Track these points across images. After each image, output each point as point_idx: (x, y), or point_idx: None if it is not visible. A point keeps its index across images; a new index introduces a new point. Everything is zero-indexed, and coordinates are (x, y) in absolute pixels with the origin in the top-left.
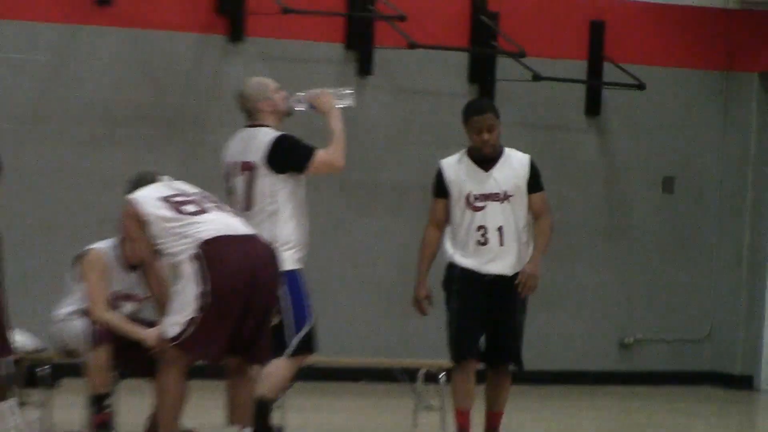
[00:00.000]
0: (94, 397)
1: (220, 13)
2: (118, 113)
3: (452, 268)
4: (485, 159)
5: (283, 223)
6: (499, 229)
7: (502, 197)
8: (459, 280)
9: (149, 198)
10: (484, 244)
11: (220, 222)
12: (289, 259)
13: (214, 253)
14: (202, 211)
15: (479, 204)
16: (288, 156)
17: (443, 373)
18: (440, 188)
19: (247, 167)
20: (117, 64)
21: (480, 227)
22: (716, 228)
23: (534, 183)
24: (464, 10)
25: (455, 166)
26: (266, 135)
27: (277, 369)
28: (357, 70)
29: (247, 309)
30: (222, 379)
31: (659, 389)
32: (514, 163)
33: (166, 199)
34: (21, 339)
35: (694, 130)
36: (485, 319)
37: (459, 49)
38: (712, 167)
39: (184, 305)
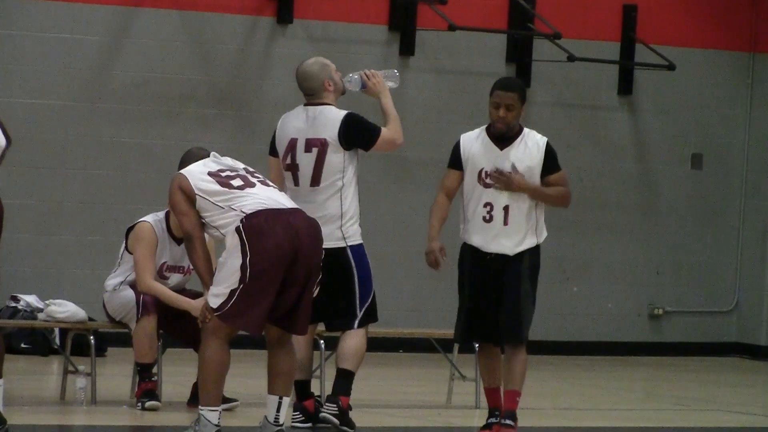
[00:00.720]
0: (139, 366)
1: None
2: (170, 92)
3: (463, 247)
4: (502, 137)
5: (350, 199)
6: (505, 208)
7: None
8: (468, 259)
9: (198, 173)
10: (488, 221)
11: (265, 196)
12: (355, 234)
13: (257, 226)
14: (248, 186)
15: (490, 181)
16: (358, 133)
17: (477, 344)
18: (455, 160)
19: (316, 144)
20: (169, 45)
21: (487, 204)
22: (742, 203)
23: (551, 165)
24: None
25: (473, 141)
26: (335, 113)
27: (356, 343)
28: (399, 51)
29: (288, 281)
30: (263, 349)
31: (687, 360)
32: (530, 145)
33: (214, 174)
34: (69, 309)
35: (721, 108)
36: (489, 299)
37: (497, 31)
38: (738, 144)
39: (226, 277)
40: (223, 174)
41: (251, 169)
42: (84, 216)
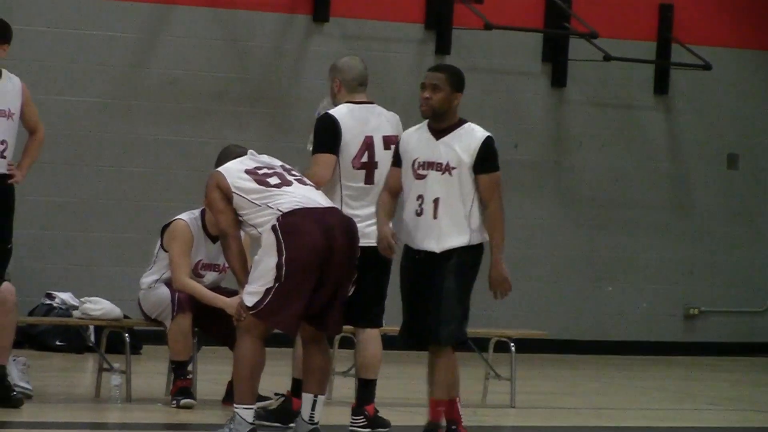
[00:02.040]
0: (174, 364)
1: None
2: (205, 89)
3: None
4: (440, 128)
5: None
6: (436, 200)
7: (444, 168)
8: (403, 258)
9: (235, 170)
10: (419, 214)
11: (301, 195)
12: None
13: (293, 224)
14: (285, 184)
15: (422, 172)
16: None
17: (513, 343)
18: (396, 157)
19: (393, 141)
20: (204, 42)
21: (419, 196)
22: None
23: (483, 163)
24: None
25: (412, 134)
26: (386, 111)
27: (377, 350)
28: (435, 49)
29: (323, 280)
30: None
31: (721, 360)
32: (467, 137)
33: (251, 172)
34: (104, 306)
35: (757, 108)
36: (420, 302)
37: (533, 30)
38: None
39: (262, 275)
40: (260, 172)
41: (288, 167)
42: (119, 213)
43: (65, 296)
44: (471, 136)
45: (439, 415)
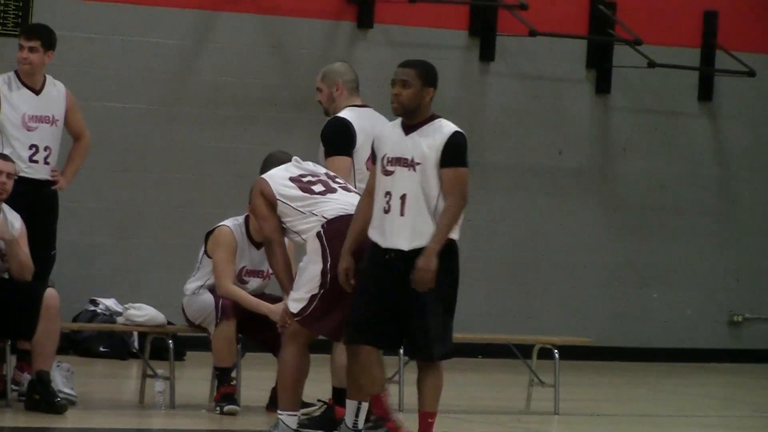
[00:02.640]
0: (218, 370)
1: (349, 1)
2: (249, 96)
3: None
4: (411, 124)
5: None
6: (403, 197)
7: (410, 163)
8: (369, 255)
9: (279, 178)
10: (387, 211)
11: (346, 201)
12: None
13: (338, 231)
14: (329, 191)
15: (390, 168)
16: None
17: (557, 350)
18: (373, 154)
19: None
20: (249, 49)
21: (387, 193)
22: None
23: (448, 157)
24: (583, 0)
25: (386, 130)
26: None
27: None
28: (480, 56)
29: None
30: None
31: (766, 367)
32: (434, 132)
33: (296, 179)
34: (148, 312)
35: None
36: (393, 305)
37: (578, 37)
38: None
39: (307, 282)
40: (305, 179)
41: (332, 174)
42: (163, 220)
43: (109, 302)
44: (439, 131)
45: (430, 428)
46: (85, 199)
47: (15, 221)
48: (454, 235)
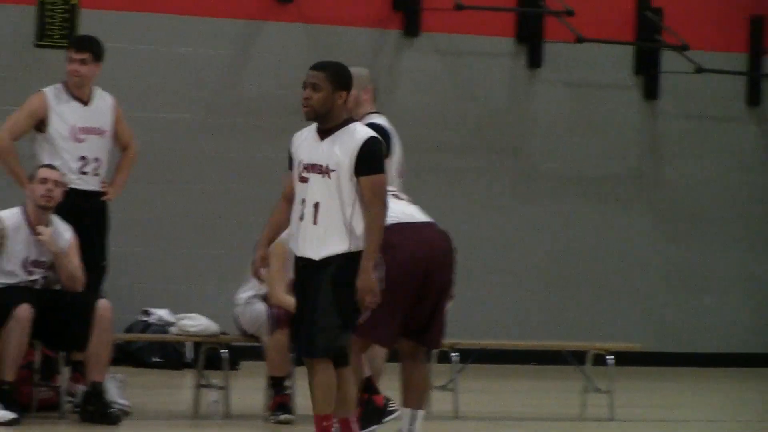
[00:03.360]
0: (273, 380)
1: (396, 8)
2: (297, 105)
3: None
4: (325, 128)
5: None
6: (316, 205)
7: (324, 170)
8: (294, 266)
9: None
10: (301, 219)
11: (397, 210)
12: None
13: (390, 240)
14: None
15: (305, 175)
16: None
17: (611, 356)
18: (289, 160)
19: None
20: (295, 58)
21: (302, 200)
22: None
23: (363, 165)
24: (630, 6)
25: (301, 135)
26: None
27: None
28: (527, 63)
29: (422, 294)
30: (397, 362)
31: None
32: (347, 138)
33: None
34: (201, 322)
35: None
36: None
37: (625, 43)
38: None
39: None
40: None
41: None
42: (215, 230)
43: (162, 313)
44: (352, 137)
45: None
46: (136, 209)
47: (65, 232)
48: (354, 246)
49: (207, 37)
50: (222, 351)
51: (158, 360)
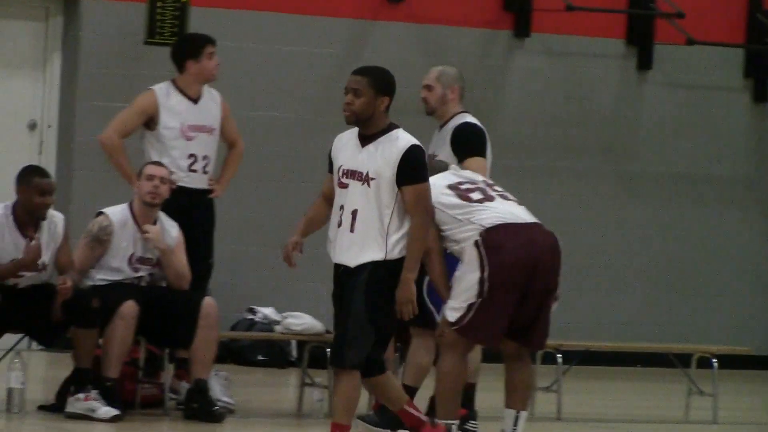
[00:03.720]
0: None
1: (507, 9)
2: (407, 105)
3: None
4: (367, 134)
5: None
6: (354, 212)
7: (363, 178)
8: (334, 273)
9: (438, 186)
10: (339, 225)
11: (504, 210)
12: None
13: (496, 240)
14: (487, 199)
15: (345, 181)
16: None
17: (716, 359)
18: (329, 163)
19: None
20: (405, 58)
21: (341, 207)
22: None
23: (406, 174)
24: (741, 8)
25: (343, 138)
26: None
27: None
28: (636, 65)
29: (526, 295)
30: (500, 363)
31: None
32: (389, 146)
33: (453, 187)
34: (306, 321)
35: None
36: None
37: (735, 46)
38: None
39: (464, 291)
40: (463, 187)
41: (490, 182)
42: (321, 229)
43: (267, 311)
44: (394, 145)
45: None
46: (242, 207)
47: (172, 230)
48: (392, 254)
49: (316, 36)
50: (326, 350)
51: (263, 358)
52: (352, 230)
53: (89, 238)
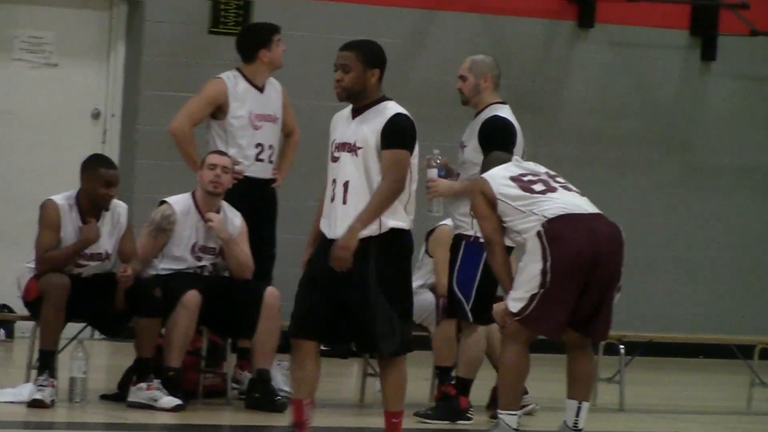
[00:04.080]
0: (439, 369)
1: (570, 0)
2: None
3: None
4: (358, 107)
5: None
6: (346, 184)
7: (352, 148)
8: (317, 245)
9: (500, 177)
10: (332, 200)
11: (567, 201)
12: None
13: (558, 231)
14: (549, 190)
15: (336, 154)
16: None
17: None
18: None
19: None
20: (468, 48)
21: (333, 180)
22: None
23: (386, 138)
24: None
25: (338, 115)
26: None
27: None
28: (700, 56)
29: (588, 286)
30: (562, 354)
31: None
32: (376, 115)
33: (516, 179)
34: None
35: None
36: (336, 297)
37: None
38: None
39: (527, 281)
40: (525, 178)
41: (553, 173)
42: None
43: None
44: (381, 113)
45: (395, 428)
46: (293, 198)
47: (235, 219)
48: (400, 223)
49: (380, 25)
50: None
51: (324, 348)
52: (344, 202)
53: (152, 227)
